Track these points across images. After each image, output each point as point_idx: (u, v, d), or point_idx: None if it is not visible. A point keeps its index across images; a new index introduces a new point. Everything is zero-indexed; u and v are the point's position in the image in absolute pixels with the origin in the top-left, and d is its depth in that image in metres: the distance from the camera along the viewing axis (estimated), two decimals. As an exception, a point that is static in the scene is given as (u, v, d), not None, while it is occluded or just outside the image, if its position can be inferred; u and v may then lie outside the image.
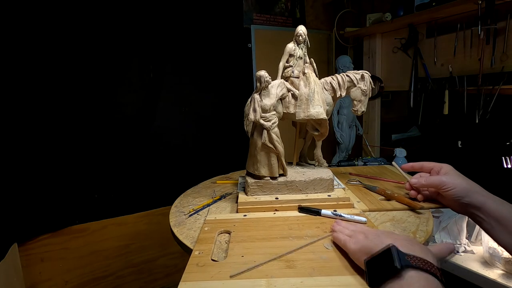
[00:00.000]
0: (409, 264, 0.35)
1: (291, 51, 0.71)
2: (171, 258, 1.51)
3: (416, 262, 0.36)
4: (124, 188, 1.35)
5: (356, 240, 0.45)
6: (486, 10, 1.15)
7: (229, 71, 1.56)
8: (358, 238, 0.45)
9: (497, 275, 0.96)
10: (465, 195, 0.58)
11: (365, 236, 0.45)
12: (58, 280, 1.25)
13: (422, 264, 0.36)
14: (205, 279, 0.42)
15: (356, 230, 0.49)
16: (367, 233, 0.46)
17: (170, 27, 1.38)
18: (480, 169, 1.12)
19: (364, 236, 0.45)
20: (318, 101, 0.67)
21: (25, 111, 1.11)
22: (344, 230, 0.51)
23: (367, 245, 0.42)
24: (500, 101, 1.20)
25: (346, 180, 0.85)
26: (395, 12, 1.50)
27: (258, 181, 0.68)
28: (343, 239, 0.48)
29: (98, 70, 1.23)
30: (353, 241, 0.45)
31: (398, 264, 0.35)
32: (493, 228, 0.55)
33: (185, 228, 0.62)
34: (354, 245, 0.45)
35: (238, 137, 1.44)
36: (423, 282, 0.34)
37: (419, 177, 0.66)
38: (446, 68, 1.37)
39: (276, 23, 1.73)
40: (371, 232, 0.46)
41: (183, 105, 1.46)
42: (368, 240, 0.43)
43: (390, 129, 1.78)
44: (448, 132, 1.43)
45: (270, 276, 0.43)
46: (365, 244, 0.43)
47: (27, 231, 1.16)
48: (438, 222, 1.14)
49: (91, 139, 1.25)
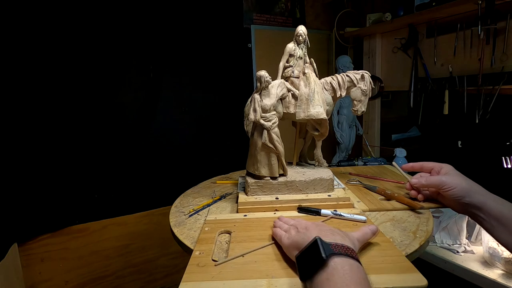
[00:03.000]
0: (332, 252, 0.38)
1: (291, 51, 0.71)
2: (171, 258, 1.51)
3: (338, 249, 0.38)
4: (124, 188, 1.35)
5: (289, 235, 0.47)
6: (486, 10, 1.15)
7: (229, 71, 1.56)
8: (291, 233, 0.47)
9: (497, 275, 0.96)
10: (465, 195, 0.58)
11: (297, 230, 0.47)
12: (58, 280, 1.25)
13: (344, 250, 0.38)
14: (206, 280, 0.42)
15: (293, 224, 0.50)
16: (299, 226, 0.48)
17: (170, 27, 1.38)
18: (480, 169, 1.12)
19: (296, 231, 0.47)
20: (318, 101, 0.67)
21: (26, 111, 1.11)
22: (282, 225, 0.53)
23: (297, 239, 0.45)
24: (500, 101, 1.20)
25: (346, 180, 0.84)
26: (395, 12, 1.50)
27: (258, 181, 0.68)
28: (279, 235, 0.50)
29: (98, 70, 1.24)
30: (287, 236, 0.47)
31: (323, 254, 0.37)
32: (493, 227, 0.55)
33: (185, 228, 0.62)
34: (287, 240, 0.47)
35: (238, 137, 1.44)
36: (346, 267, 0.37)
37: (419, 177, 0.66)
38: (446, 68, 1.37)
39: (276, 23, 1.73)
40: (301, 225, 0.48)
41: (183, 105, 1.46)
42: (298, 235, 0.46)
43: (390, 129, 1.78)
44: (448, 132, 1.43)
45: (271, 276, 0.43)
46: (295, 239, 0.45)
47: (27, 231, 1.16)
48: (438, 222, 1.14)
49: (91, 139, 1.25)
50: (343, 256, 0.38)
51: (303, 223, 0.49)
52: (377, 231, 0.49)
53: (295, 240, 0.45)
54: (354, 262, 0.37)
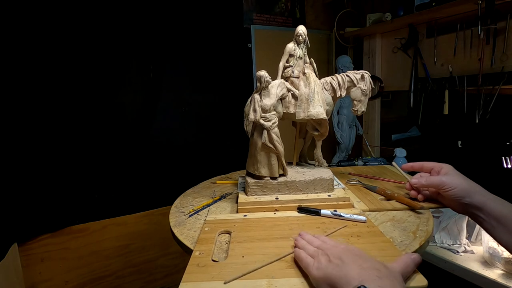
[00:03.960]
0: None
1: (291, 51, 0.71)
2: (171, 258, 1.51)
3: None
4: (124, 188, 1.35)
5: (319, 265, 0.40)
6: (486, 10, 1.15)
7: (229, 71, 1.56)
8: (320, 262, 0.40)
9: (497, 275, 0.96)
10: (465, 195, 0.58)
11: (328, 259, 0.40)
12: (58, 280, 1.25)
13: None
14: (206, 280, 0.42)
15: (320, 247, 0.44)
16: (330, 254, 0.41)
17: (170, 27, 1.38)
18: (480, 169, 1.12)
19: (327, 260, 0.40)
20: (318, 101, 0.67)
21: (26, 112, 1.11)
22: (307, 247, 0.45)
23: (331, 274, 0.38)
24: (500, 101, 1.20)
25: (346, 180, 0.84)
26: (395, 12, 1.50)
27: (258, 181, 0.68)
28: (305, 261, 0.42)
29: (98, 71, 1.24)
30: (316, 266, 0.40)
31: None
32: (493, 228, 0.55)
33: (185, 229, 0.62)
34: (316, 271, 0.40)
35: (238, 137, 1.44)
36: None
37: (419, 177, 0.66)
38: (446, 68, 1.37)
39: (276, 23, 1.73)
40: (334, 253, 0.41)
41: (183, 105, 1.46)
42: (331, 267, 0.39)
43: (390, 129, 1.78)
44: (448, 132, 1.43)
45: (271, 277, 0.43)
46: (328, 273, 0.38)
47: (27, 231, 1.16)
48: (438, 222, 1.14)
49: (91, 139, 1.25)
50: None
51: (334, 249, 0.42)
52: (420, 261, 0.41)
53: (329, 274, 0.38)
54: None
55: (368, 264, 0.38)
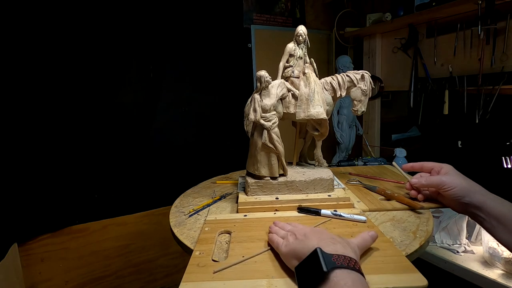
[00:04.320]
0: (334, 264, 0.37)
1: (291, 51, 0.71)
2: (171, 258, 1.51)
3: (340, 261, 0.37)
4: (124, 188, 1.35)
5: (287, 243, 0.45)
6: (486, 10, 1.15)
7: (229, 71, 1.56)
8: (289, 240, 0.46)
9: (497, 275, 0.96)
10: (465, 195, 0.58)
11: (295, 237, 0.45)
12: (58, 280, 1.25)
13: (346, 262, 0.37)
14: (206, 280, 0.42)
15: (290, 230, 0.48)
16: (297, 233, 0.46)
17: (170, 27, 1.38)
18: (480, 169, 1.12)
19: (294, 238, 0.45)
20: (318, 101, 0.67)
21: (26, 111, 1.11)
22: (279, 231, 0.51)
23: (295, 248, 0.43)
24: (500, 101, 1.20)
25: (346, 180, 0.85)
26: (395, 12, 1.50)
27: (258, 181, 0.68)
28: (276, 241, 0.48)
29: (98, 70, 1.23)
30: (284, 244, 0.46)
31: (324, 267, 0.36)
32: (493, 227, 0.55)
33: (185, 228, 0.62)
34: (284, 248, 0.45)
35: (238, 137, 1.44)
36: (349, 281, 0.35)
37: (420, 177, 0.66)
38: (446, 68, 1.37)
39: (276, 23, 1.73)
40: (300, 231, 0.46)
41: (183, 105, 1.46)
42: (296, 242, 0.44)
43: (390, 129, 1.78)
44: (448, 132, 1.43)
45: (271, 277, 0.43)
46: (294, 247, 0.43)
47: (27, 231, 1.16)
48: (438, 222, 1.14)
49: (91, 139, 1.25)
50: (345, 269, 0.36)
51: (301, 229, 0.47)
52: (377, 237, 0.47)
53: (294, 249, 0.43)
54: (356, 275, 0.36)
55: (326, 235, 0.44)
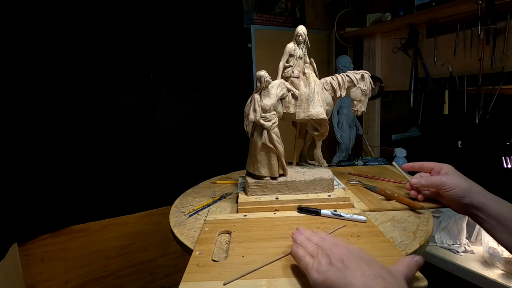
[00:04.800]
0: None
1: (291, 51, 0.71)
2: (171, 258, 1.51)
3: None
4: (124, 188, 1.35)
5: (319, 267, 0.38)
6: (486, 10, 1.15)
7: (229, 71, 1.56)
8: (321, 263, 0.38)
9: (497, 275, 0.96)
10: (465, 195, 0.58)
11: (329, 261, 0.38)
12: (58, 280, 1.25)
13: None
14: (206, 280, 0.42)
15: (319, 244, 0.41)
16: (332, 255, 0.39)
17: (170, 27, 1.38)
18: (480, 169, 1.12)
19: (327, 262, 0.38)
20: (318, 101, 0.67)
21: (26, 111, 1.10)
22: (306, 244, 0.43)
23: (332, 280, 0.36)
24: (500, 101, 1.20)
25: (346, 180, 0.84)
26: (395, 12, 1.50)
27: (258, 181, 0.68)
28: (304, 261, 0.40)
29: (98, 70, 1.23)
30: (315, 268, 0.38)
31: None
32: (493, 227, 0.55)
33: (185, 228, 0.62)
34: (316, 274, 0.37)
35: (238, 137, 1.44)
36: None
37: (420, 177, 0.66)
38: (446, 68, 1.37)
39: (276, 23, 1.73)
40: (336, 254, 0.38)
41: (183, 105, 1.46)
42: (332, 271, 0.37)
43: (390, 129, 1.78)
44: (448, 132, 1.43)
45: (271, 276, 0.43)
46: (329, 278, 0.36)
47: (27, 231, 1.16)
48: (438, 222, 1.14)
49: (91, 139, 1.25)
50: None
51: (335, 249, 0.39)
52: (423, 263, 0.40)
53: (330, 280, 0.36)
54: None
55: (373, 271, 0.36)
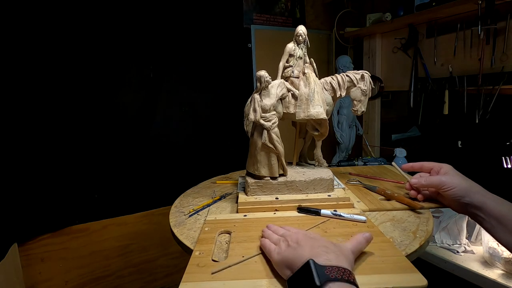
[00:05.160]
0: (328, 278, 0.35)
1: (291, 51, 0.71)
2: (171, 258, 1.51)
3: (334, 273, 0.36)
4: (124, 188, 1.35)
5: (279, 250, 0.44)
6: (486, 10, 1.15)
7: (229, 71, 1.56)
8: (281, 247, 0.44)
9: (497, 275, 0.96)
10: (465, 195, 0.58)
11: (287, 244, 0.44)
12: (58, 280, 1.25)
13: (340, 274, 0.36)
14: (206, 280, 0.42)
15: (283, 235, 0.47)
16: (290, 239, 0.45)
17: (170, 27, 1.38)
18: (480, 169, 1.12)
19: (286, 245, 0.44)
20: (318, 101, 0.67)
21: (26, 111, 1.10)
22: (271, 236, 0.49)
23: (288, 256, 0.42)
24: (500, 101, 1.20)
25: (346, 180, 0.85)
26: (395, 12, 1.50)
27: (258, 181, 0.68)
28: (268, 247, 0.46)
29: (98, 70, 1.23)
30: (277, 251, 0.44)
31: (317, 281, 0.35)
32: (493, 227, 0.55)
33: (185, 228, 0.62)
34: (277, 255, 0.43)
35: (238, 137, 1.44)
36: None
37: (419, 177, 0.66)
38: (446, 68, 1.37)
39: (276, 23, 1.73)
40: (292, 238, 0.45)
41: (183, 105, 1.46)
42: (289, 250, 0.43)
43: (390, 129, 1.78)
44: (448, 132, 1.43)
45: (270, 276, 0.43)
46: (286, 256, 0.42)
47: (27, 231, 1.16)
48: (438, 222, 1.14)
49: (91, 139, 1.25)
50: (339, 282, 0.35)
51: (294, 235, 0.46)
52: (371, 238, 0.46)
53: (286, 257, 0.42)
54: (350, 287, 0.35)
55: (319, 243, 0.42)
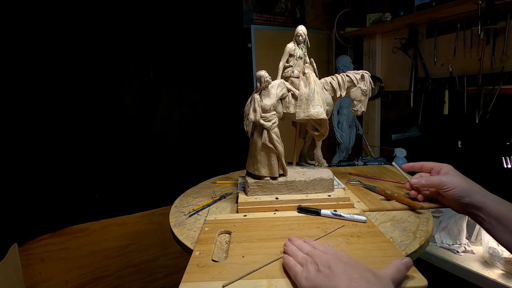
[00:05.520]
0: None
1: (291, 51, 0.71)
2: (171, 258, 1.51)
3: None
4: (124, 188, 1.35)
5: (307, 275, 0.39)
6: (486, 10, 1.15)
7: (229, 71, 1.56)
8: (309, 271, 0.40)
9: (497, 275, 0.96)
10: (465, 195, 0.58)
11: (317, 268, 0.39)
12: (58, 280, 1.25)
13: None
14: (206, 280, 0.42)
15: (309, 253, 0.43)
16: (319, 262, 0.40)
17: (170, 27, 1.38)
18: (480, 169, 1.12)
19: (315, 269, 0.39)
20: (318, 101, 0.67)
21: (26, 112, 1.10)
22: (296, 253, 0.44)
23: (319, 285, 0.37)
24: (500, 101, 1.20)
25: (346, 180, 0.84)
26: (395, 12, 1.50)
27: (258, 181, 0.68)
28: (294, 270, 0.41)
29: (98, 70, 1.23)
30: (304, 276, 0.40)
31: None
32: (493, 227, 0.55)
33: (185, 229, 0.62)
34: (305, 281, 0.39)
35: (238, 137, 1.44)
36: None
37: (419, 177, 0.66)
38: (446, 68, 1.37)
39: (276, 23, 1.73)
40: (324, 261, 0.40)
41: (183, 105, 1.46)
42: (320, 277, 0.38)
43: (390, 129, 1.78)
44: (448, 132, 1.43)
45: (271, 277, 0.43)
46: (317, 284, 0.38)
47: (27, 231, 1.16)
48: (438, 222, 1.14)
49: (91, 139, 1.25)
50: None
51: (323, 256, 0.41)
52: (411, 265, 0.41)
53: (317, 285, 0.37)
54: None
55: (358, 274, 0.37)
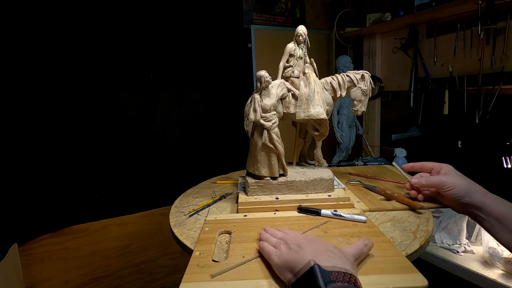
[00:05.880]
0: (334, 284, 0.35)
1: (291, 51, 0.71)
2: (171, 258, 1.51)
3: (340, 279, 0.36)
4: (124, 188, 1.35)
5: (280, 253, 0.43)
6: (486, 10, 1.15)
7: (229, 71, 1.56)
8: (281, 250, 0.43)
9: (497, 275, 0.96)
10: (465, 195, 0.58)
11: (288, 247, 0.43)
12: (58, 280, 1.25)
13: (346, 280, 0.36)
14: (206, 280, 0.42)
15: (282, 238, 0.47)
16: (290, 242, 0.44)
17: (170, 27, 1.38)
18: (480, 169, 1.12)
19: (287, 248, 0.43)
20: (318, 101, 0.67)
21: (26, 112, 1.11)
22: (270, 238, 0.49)
23: (289, 260, 0.41)
24: (500, 101, 1.20)
25: (346, 180, 0.84)
26: (395, 12, 1.50)
27: (258, 181, 0.68)
28: (267, 251, 0.45)
29: (98, 71, 1.23)
30: (277, 254, 0.43)
31: (322, 284, 0.35)
32: (493, 227, 0.55)
33: (185, 229, 0.62)
34: (277, 259, 0.43)
35: (238, 137, 1.44)
36: None
37: (420, 177, 0.66)
38: (446, 68, 1.37)
39: (276, 23, 1.73)
40: (293, 241, 0.44)
41: (183, 105, 1.46)
42: (290, 253, 0.42)
43: (390, 129, 1.78)
44: (448, 132, 1.43)
45: (271, 277, 0.43)
46: (287, 259, 0.41)
47: (27, 231, 1.16)
48: (438, 222, 1.14)
49: (91, 139, 1.25)
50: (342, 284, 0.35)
51: (294, 238, 0.45)
52: (372, 246, 0.46)
53: (287, 260, 0.41)
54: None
55: (324, 248, 0.42)
